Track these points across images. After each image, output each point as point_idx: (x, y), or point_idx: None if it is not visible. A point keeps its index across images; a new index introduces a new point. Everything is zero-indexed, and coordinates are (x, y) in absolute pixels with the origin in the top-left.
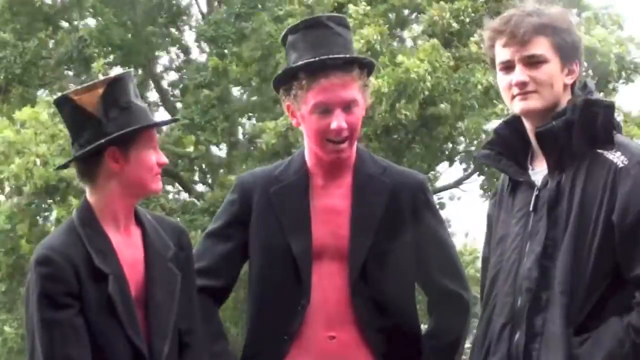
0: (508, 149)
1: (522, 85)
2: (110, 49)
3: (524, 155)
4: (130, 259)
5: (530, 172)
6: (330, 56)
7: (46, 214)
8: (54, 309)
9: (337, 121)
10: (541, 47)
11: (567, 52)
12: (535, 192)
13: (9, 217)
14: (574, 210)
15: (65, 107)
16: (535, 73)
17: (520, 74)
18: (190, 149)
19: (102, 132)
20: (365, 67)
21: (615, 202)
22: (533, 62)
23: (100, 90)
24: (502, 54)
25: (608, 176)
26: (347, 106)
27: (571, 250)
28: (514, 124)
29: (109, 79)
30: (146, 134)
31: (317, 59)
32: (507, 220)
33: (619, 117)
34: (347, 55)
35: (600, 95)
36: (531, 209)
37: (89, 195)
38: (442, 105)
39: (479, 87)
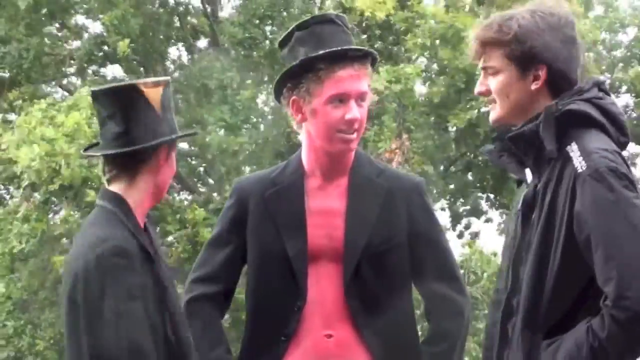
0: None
1: (481, 93)
2: (130, 39)
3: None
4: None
5: (526, 170)
6: (352, 47)
7: (56, 208)
8: (130, 299)
9: (352, 112)
10: (493, 59)
11: (524, 60)
12: (524, 192)
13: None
14: (543, 214)
15: (131, 96)
16: (491, 83)
17: (479, 83)
18: None
19: (159, 130)
20: (374, 62)
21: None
22: (489, 72)
23: (161, 89)
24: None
25: (570, 181)
26: (361, 98)
27: (536, 255)
28: None
29: (167, 79)
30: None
31: (339, 48)
32: (511, 218)
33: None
34: (366, 48)
35: (591, 95)
36: (519, 207)
37: (123, 192)
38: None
39: None
